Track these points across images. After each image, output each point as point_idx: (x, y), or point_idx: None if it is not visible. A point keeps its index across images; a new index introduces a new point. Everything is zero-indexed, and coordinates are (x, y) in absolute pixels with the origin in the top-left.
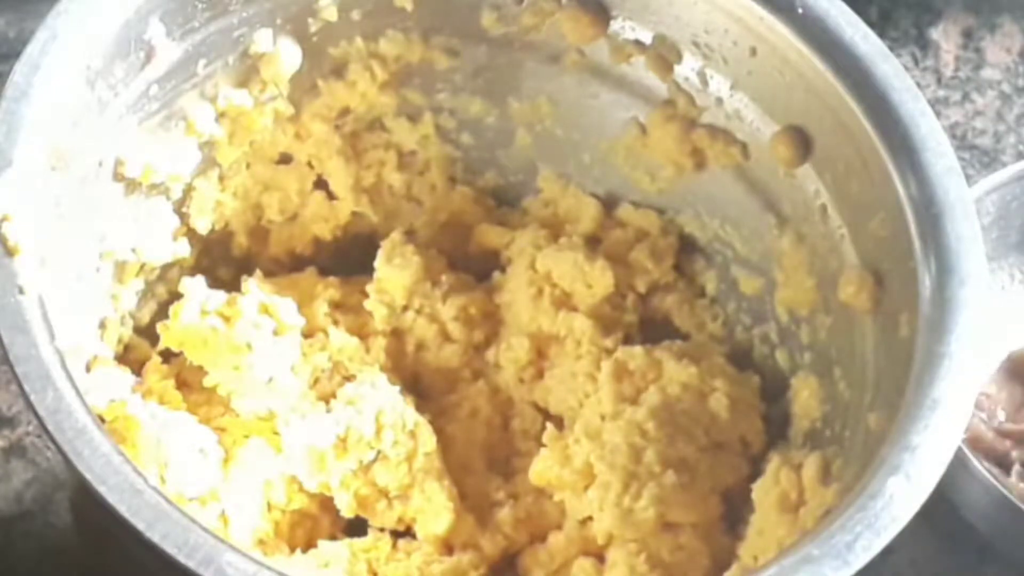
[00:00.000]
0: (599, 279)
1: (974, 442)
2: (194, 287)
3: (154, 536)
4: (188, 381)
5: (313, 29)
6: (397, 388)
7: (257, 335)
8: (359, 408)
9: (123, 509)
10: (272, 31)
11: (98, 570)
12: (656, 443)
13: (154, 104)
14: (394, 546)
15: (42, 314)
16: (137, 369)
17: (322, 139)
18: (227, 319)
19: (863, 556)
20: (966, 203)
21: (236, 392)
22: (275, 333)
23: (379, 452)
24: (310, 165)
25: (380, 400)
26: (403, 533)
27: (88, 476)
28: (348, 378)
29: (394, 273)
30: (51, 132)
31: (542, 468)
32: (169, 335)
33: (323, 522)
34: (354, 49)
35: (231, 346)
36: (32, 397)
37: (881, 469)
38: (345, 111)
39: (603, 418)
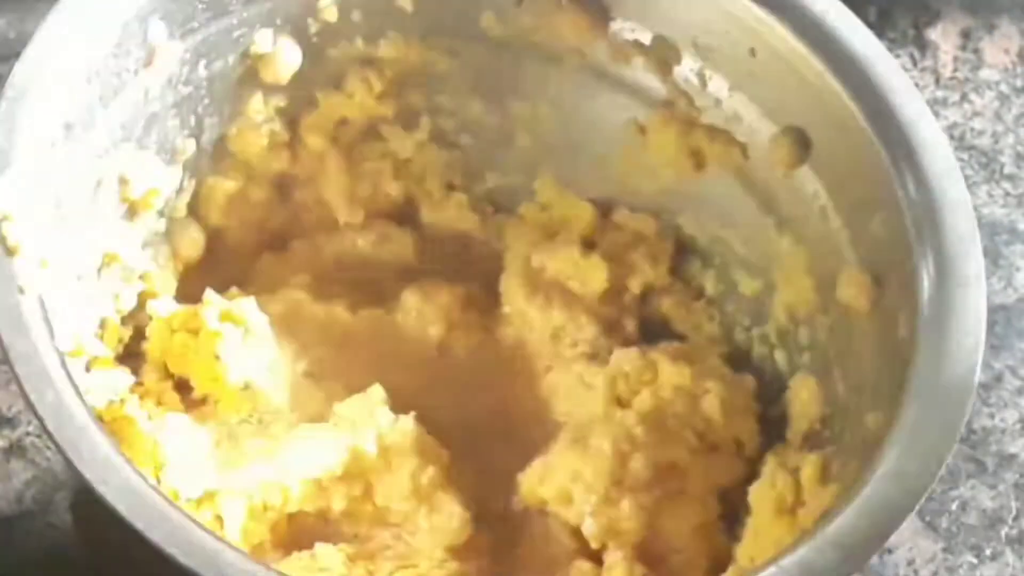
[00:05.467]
0: (594, 274)
1: None
2: (159, 307)
3: (154, 536)
4: (186, 382)
5: (313, 30)
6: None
7: (222, 344)
8: (359, 427)
9: (123, 509)
10: (272, 31)
11: (98, 570)
12: (645, 448)
13: (154, 105)
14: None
15: (42, 314)
16: (137, 369)
17: (318, 152)
18: (194, 332)
19: (862, 556)
20: (965, 204)
21: (221, 401)
22: (245, 336)
23: (382, 472)
24: (307, 183)
25: (382, 417)
26: None
27: (88, 476)
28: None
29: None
30: (51, 132)
31: (530, 486)
32: (151, 353)
33: (321, 524)
34: (353, 52)
35: (201, 358)
36: (32, 397)
37: (880, 469)
38: (342, 122)
39: (593, 421)
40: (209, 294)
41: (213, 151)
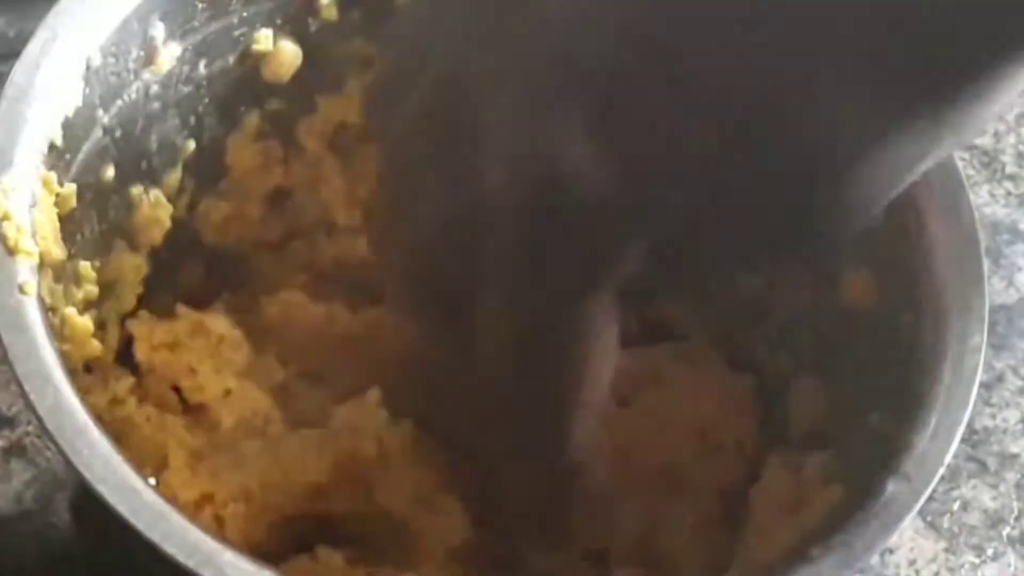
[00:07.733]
0: None
1: None
2: (137, 326)
3: (154, 536)
4: None
5: (313, 29)
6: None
7: (195, 357)
8: (358, 429)
9: (123, 509)
10: (272, 31)
11: (98, 570)
12: (644, 448)
13: (154, 104)
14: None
15: (42, 314)
16: (136, 370)
17: (316, 158)
18: (171, 346)
19: (863, 556)
20: (966, 203)
21: (210, 407)
22: (219, 346)
23: (382, 474)
24: (304, 188)
25: (380, 421)
26: None
27: (88, 476)
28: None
29: None
30: (51, 132)
31: None
32: (144, 363)
33: (321, 526)
34: (354, 51)
35: (180, 369)
36: (32, 397)
37: (881, 469)
38: (341, 126)
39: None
40: (179, 308)
41: (210, 166)
